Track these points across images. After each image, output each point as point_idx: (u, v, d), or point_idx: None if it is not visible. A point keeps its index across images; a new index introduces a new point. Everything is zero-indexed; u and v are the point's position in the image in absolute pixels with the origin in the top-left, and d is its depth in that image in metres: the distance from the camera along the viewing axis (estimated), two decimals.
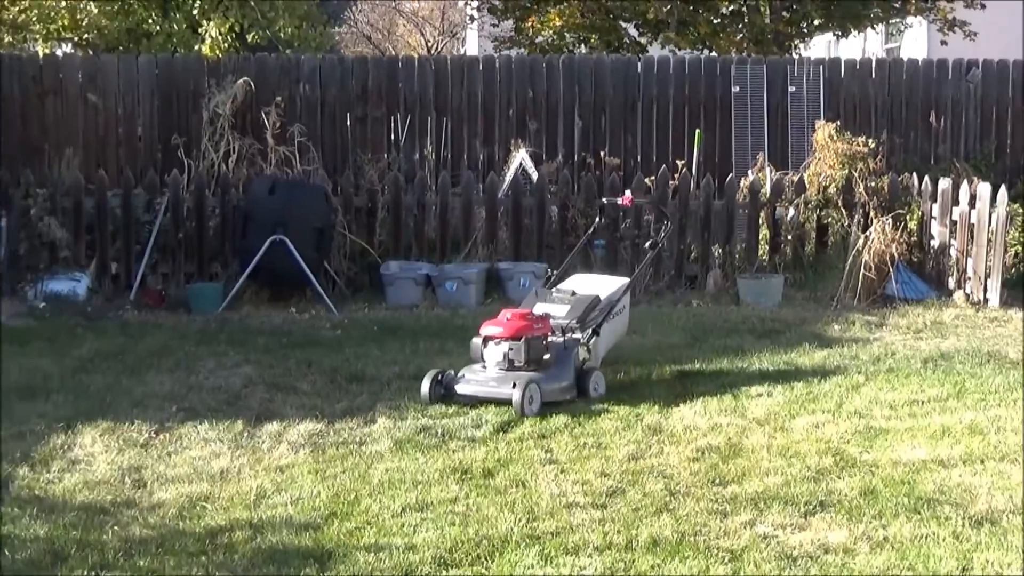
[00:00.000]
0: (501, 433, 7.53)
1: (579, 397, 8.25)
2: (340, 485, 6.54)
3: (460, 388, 8.09)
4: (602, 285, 9.04)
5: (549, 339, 8.38)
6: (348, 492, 6.42)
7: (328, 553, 5.58)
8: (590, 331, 8.46)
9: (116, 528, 5.92)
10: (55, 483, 6.62)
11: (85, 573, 5.36)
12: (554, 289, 8.91)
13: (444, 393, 8.09)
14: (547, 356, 8.32)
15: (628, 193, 10.20)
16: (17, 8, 19.35)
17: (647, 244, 9.61)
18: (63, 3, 19.51)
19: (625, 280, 9.21)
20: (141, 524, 6.00)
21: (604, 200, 10.97)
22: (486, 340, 8.17)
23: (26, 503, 6.28)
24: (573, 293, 8.70)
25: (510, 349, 8.00)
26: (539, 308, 8.58)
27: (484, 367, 8.15)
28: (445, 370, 8.24)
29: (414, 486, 6.52)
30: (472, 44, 37.68)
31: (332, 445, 7.27)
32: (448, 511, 6.08)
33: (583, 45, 20.26)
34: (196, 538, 5.79)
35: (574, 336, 8.34)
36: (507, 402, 7.76)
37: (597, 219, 10.24)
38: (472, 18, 29.72)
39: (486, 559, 5.48)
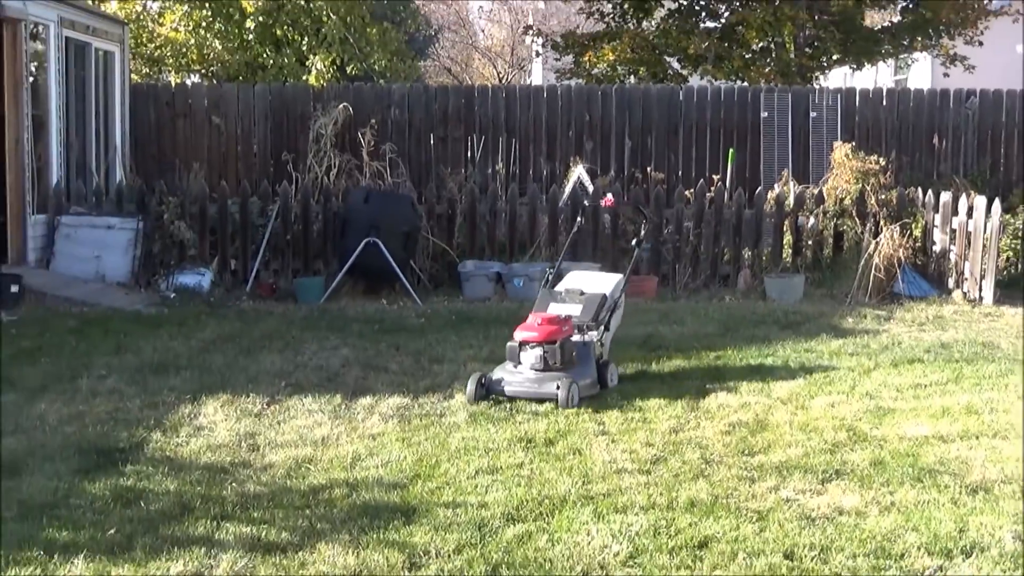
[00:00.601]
0: (560, 409, 7.57)
1: (600, 389, 7.98)
2: (423, 451, 6.61)
3: (506, 389, 7.62)
4: (601, 282, 8.54)
5: (573, 339, 7.95)
6: (430, 457, 6.49)
7: (412, 509, 5.65)
8: (603, 328, 8.19)
9: (234, 485, 6.02)
10: (183, 446, 6.73)
11: (208, 523, 5.46)
12: (564, 290, 8.34)
13: (486, 394, 7.65)
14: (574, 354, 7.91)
15: (609, 196, 9.95)
16: (153, 45, 19.60)
17: (633, 242, 9.05)
18: (192, 40, 19.72)
19: (620, 276, 8.66)
20: (255, 482, 6.09)
21: (586, 203, 10.90)
22: (523, 344, 7.69)
23: (158, 463, 6.40)
24: (582, 293, 8.19)
25: (546, 352, 7.57)
26: (554, 309, 8.10)
27: (519, 368, 7.69)
28: (486, 373, 7.76)
29: (486, 452, 6.56)
30: (537, 75, 37.68)
31: (416, 416, 7.34)
32: (515, 474, 6.13)
33: (632, 76, 20.20)
34: (301, 494, 5.88)
35: (591, 333, 8.04)
36: (549, 399, 7.43)
37: (580, 213, 10.01)
38: (538, 53, 29.77)
39: (547, 516, 5.53)
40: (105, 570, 4.87)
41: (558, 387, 7.33)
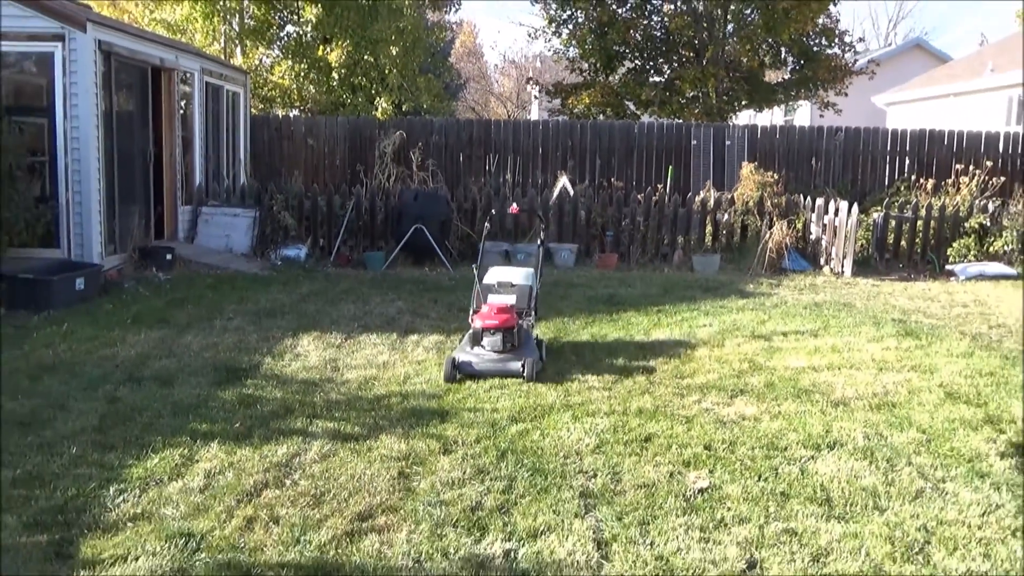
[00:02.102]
0: (549, 344, 7.57)
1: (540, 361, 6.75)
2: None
3: (476, 368, 6.41)
4: (522, 274, 7.23)
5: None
6: (458, 376, 6.50)
7: (445, 412, 5.67)
8: (534, 312, 7.10)
9: (321, 394, 6.05)
10: (286, 367, 6.75)
11: (303, 419, 5.49)
12: (497, 283, 7.08)
13: (457, 374, 6.37)
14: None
15: (515, 205, 8.76)
16: (267, 88, 19.57)
17: (538, 244, 7.70)
18: (293, 85, 19.69)
19: (531, 269, 7.32)
20: (336, 392, 6.12)
21: (493, 211, 9.41)
22: (485, 330, 6.53)
23: (269, 378, 6.42)
24: (512, 284, 7.05)
25: (505, 336, 6.49)
26: (495, 300, 6.83)
27: (482, 350, 6.52)
28: (455, 357, 6.43)
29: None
30: (535, 112, 37.53)
31: (448, 348, 7.32)
32: (517, 390, 6.14)
33: (602, 114, 20.13)
34: (368, 401, 5.91)
35: (529, 319, 6.95)
36: (515, 375, 6.36)
37: (488, 220, 8.12)
38: (535, 97, 29.72)
39: (539, 418, 5.55)
40: (232, 452, 4.91)
41: (523, 365, 6.34)
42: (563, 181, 14.09)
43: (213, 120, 13.55)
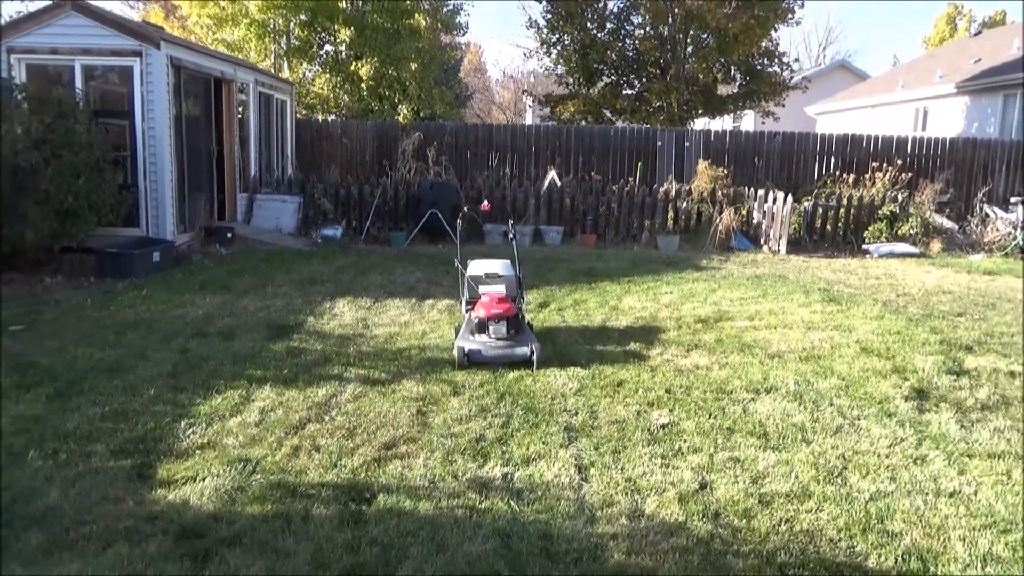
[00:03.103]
0: (541, 308, 7.54)
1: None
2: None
3: (487, 355, 5.55)
4: (502, 265, 6.21)
5: None
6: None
7: (456, 362, 5.65)
8: (521, 299, 6.13)
9: (354, 346, 6.02)
10: (325, 325, 6.71)
11: (339, 367, 5.46)
12: (484, 274, 6.08)
13: (469, 363, 5.50)
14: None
15: (486, 202, 7.69)
16: (309, 97, 19.35)
17: (509, 237, 6.71)
18: (331, 95, 19.47)
19: (508, 261, 6.24)
20: (366, 345, 6.09)
21: (466, 208, 7.68)
22: (490, 318, 5.67)
23: (311, 334, 6.39)
24: (500, 275, 6.08)
25: (509, 323, 5.67)
26: (488, 289, 5.99)
27: (488, 338, 5.65)
28: (465, 347, 5.50)
29: None
30: (529, 118, 37.18)
31: (457, 311, 7.28)
32: None
33: (584, 120, 19.92)
34: (392, 353, 5.88)
35: (519, 305, 5.97)
36: (520, 360, 5.54)
37: (460, 218, 7.12)
38: (529, 106, 29.37)
39: (531, 366, 5.53)
40: (281, 393, 4.88)
41: (532, 351, 5.53)
42: (552, 174, 13.96)
43: (265, 123, 13.40)
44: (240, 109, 12.34)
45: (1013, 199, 13.48)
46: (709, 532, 3.28)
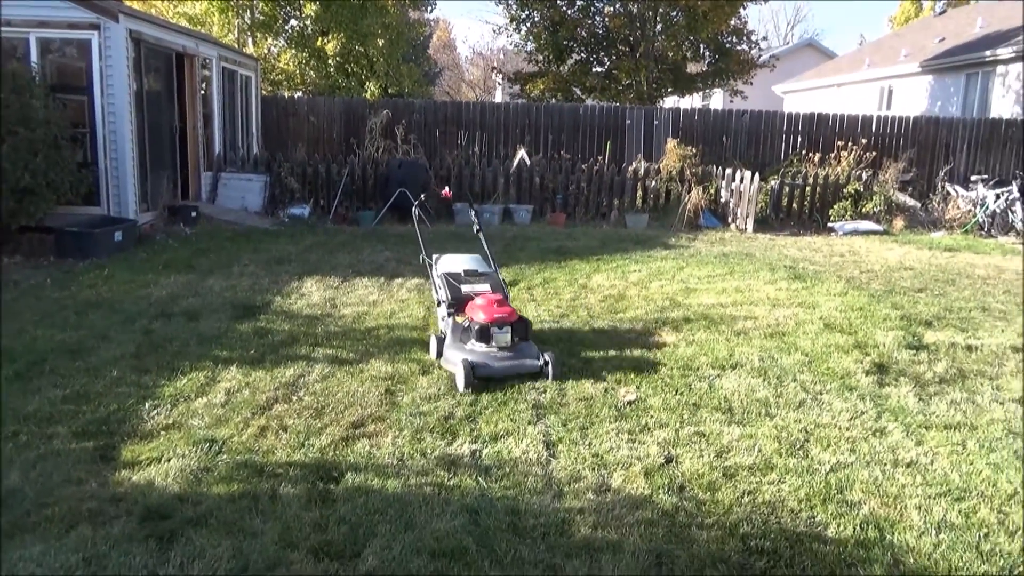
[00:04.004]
0: (510, 287, 7.52)
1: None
2: (430, 309, 6.54)
3: (496, 368, 4.72)
4: (473, 261, 5.70)
5: None
6: (433, 313, 6.40)
7: (426, 341, 5.59)
8: (506, 298, 5.22)
9: (322, 326, 5.98)
10: (293, 304, 6.65)
11: (307, 347, 5.42)
12: (463, 272, 5.42)
13: (476, 376, 4.62)
14: None
15: (447, 189, 6.72)
16: (274, 73, 19.03)
17: (475, 230, 6.02)
18: (297, 71, 19.17)
19: (478, 256, 5.80)
20: (334, 325, 6.05)
21: (423, 197, 6.44)
22: (493, 324, 4.85)
23: (278, 314, 6.33)
24: (480, 273, 5.50)
25: (514, 329, 4.89)
26: (468, 288, 5.27)
27: (491, 348, 4.84)
28: (470, 360, 4.62)
29: None
30: (499, 96, 36.96)
31: (426, 290, 7.25)
32: None
33: (554, 98, 19.86)
34: (361, 332, 5.85)
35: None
36: (531, 371, 4.79)
37: (416, 207, 6.34)
38: (499, 83, 29.18)
39: None
40: (248, 373, 4.84)
41: (545, 361, 4.77)
42: (521, 153, 13.91)
43: (229, 99, 13.14)
44: (203, 85, 12.09)
45: (973, 177, 13.75)
46: (674, 505, 3.34)
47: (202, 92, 12.00)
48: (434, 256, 5.84)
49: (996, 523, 3.25)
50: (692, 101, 27.18)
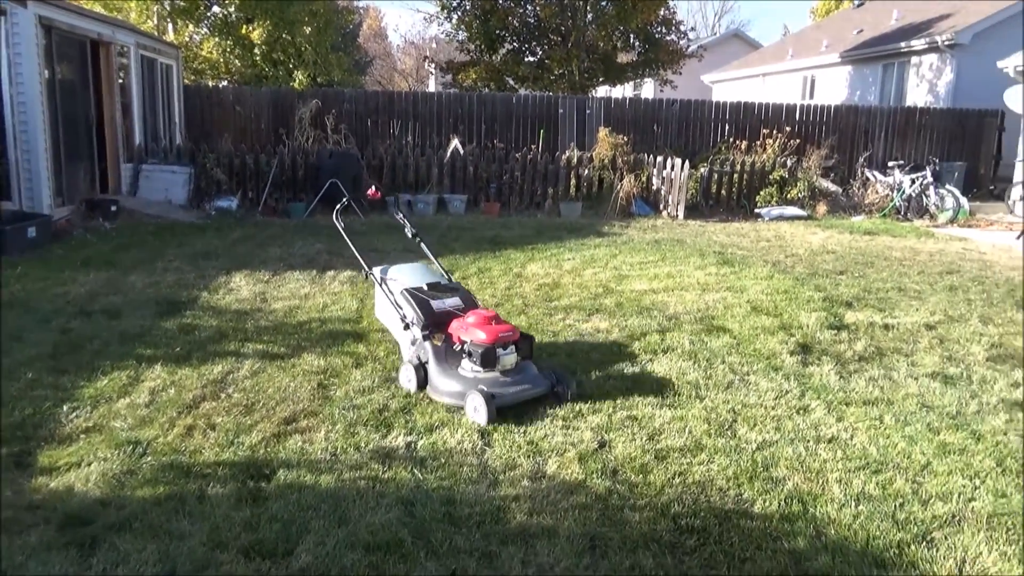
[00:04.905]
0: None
1: None
2: (363, 302, 6.48)
3: (514, 396, 4.13)
4: (424, 271, 5.07)
5: None
6: (367, 305, 6.35)
7: (360, 334, 5.58)
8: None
9: (252, 322, 5.85)
10: (221, 300, 6.48)
11: (236, 343, 5.30)
12: (427, 286, 4.77)
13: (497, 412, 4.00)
14: None
15: (373, 188, 6.60)
16: (197, 61, 18.43)
17: (411, 234, 5.30)
18: (221, 59, 18.60)
19: (422, 263, 5.27)
20: (265, 320, 5.93)
21: (346, 199, 5.72)
22: (498, 345, 4.21)
23: (206, 309, 6.16)
24: (444, 285, 4.88)
25: (517, 347, 4.30)
26: (440, 304, 4.61)
27: (497, 371, 4.21)
28: (489, 392, 4.01)
29: None
30: (432, 86, 36.65)
31: (359, 282, 7.18)
32: None
33: (486, 87, 19.81)
34: (292, 326, 5.75)
35: None
36: (543, 395, 4.26)
37: (337, 213, 5.54)
38: (431, 72, 28.95)
39: None
40: (173, 372, 4.70)
41: (563, 386, 4.29)
42: (455, 142, 13.85)
43: (149, 89, 12.68)
44: (121, 74, 11.63)
45: (891, 163, 14.34)
46: (607, 488, 3.39)
47: (120, 81, 11.54)
48: (378, 269, 5.01)
49: (910, 493, 3.42)
50: (624, 91, 27.53)
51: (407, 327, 4.63)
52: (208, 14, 18.95)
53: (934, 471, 3.62)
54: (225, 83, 18.92)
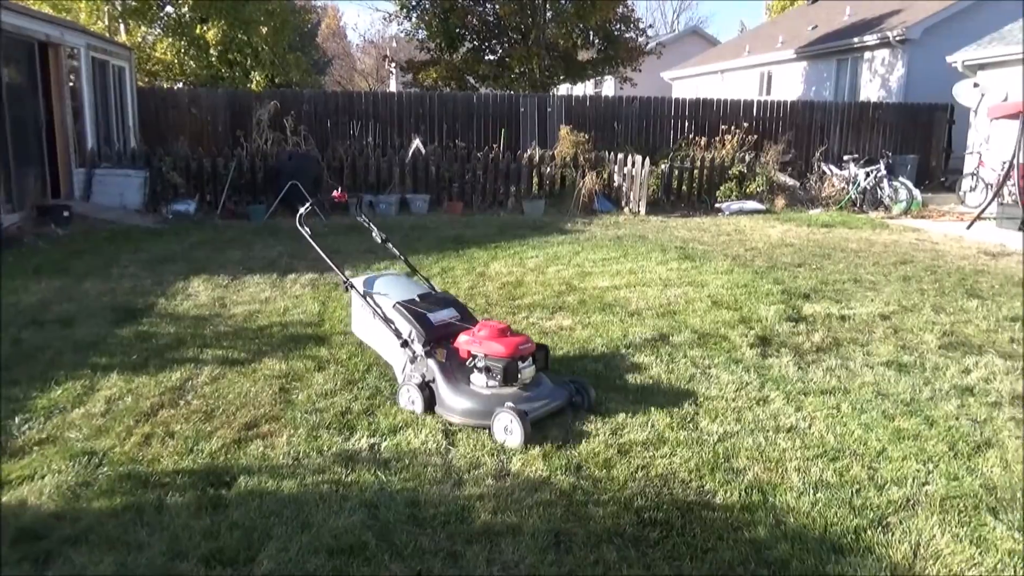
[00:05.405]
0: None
1: None
2: (325, 304, 6.44)
3: (542, 409, 3.94)
4: (407, 282, 4.85)
5: None
6: (329, 308, 6.33)
7: (321, 337, 5.54)
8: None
9: (211, 327, 5.76)
10: (179, 306, 6.37)
11: (195, 350, 5.22)
12: (418, 297, 4.49)
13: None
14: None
15: (338, 190, 6.44)
16: (151, 63, 18.08)
17: (381, 239, 5.03)
18: (176, 61, 18.27)
19: (400, 273, 5.35)
20: (224, 325, 5.85)
21: (311, 203, 5.14)
22: (518, 357, 3.99)
23: (163, 316, 6.06)
24: (435, 296, 4.67)
25: (536, 359, 4.13)
26: (439, 316, 4.35)
27: (517, 386, 3.99)
28: (519, 408, 3.76)
29: None
30: (393, 85, 36.39)
31: (321, 284, 7.14)
32: None
33: (447, 87, 19.75)
34: (253, 331, 5.68)
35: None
36: (564, 408, 4.10)
37: (301, 219, 5.07)
38: (391, 72, 28.69)
39: None
40: (130, 380, 4.61)
41: (577, 391, 4.18)
42: (416, 142, 13.79)
43: (101, 92, 12.41)
44: (71, 76, 11.36)
45: (846, 157, 14.63)
46: (571, 484, 3.41)
47: (71, 84, 11.28)
48: (359, 280, 4.68)
49: (867, 479, 3.50)
50: (585, 89, 27.66)
51: (405, 344, 4.27)
52: (161, 14, 18.59)
53: (889, 457, 3.71)
54: (180, 85, 18.58)
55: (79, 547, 2.89)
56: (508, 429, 3.78)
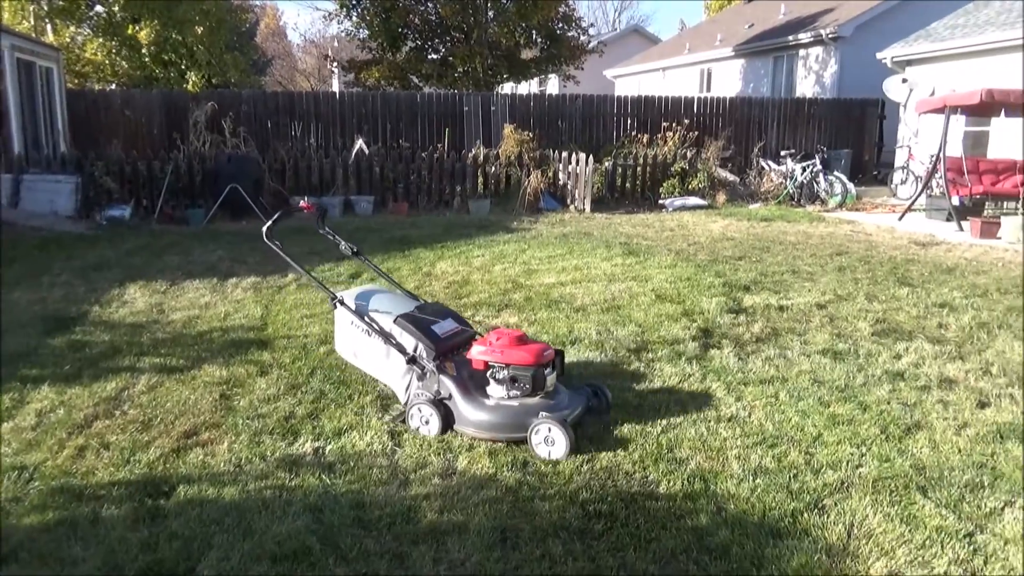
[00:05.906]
0: (352, 279, 7.40)
1: None
2: (268, 308, 6.34)
3: (574, 415, 3.79)
4: (399, 296, 4.58)
5: None
6: (272, 311, 6.23)
7: (264, 341, 5.45)
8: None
9: (148, 335, 5.62)
10: (114, 313, 6.19)
11: (131, 358, 5.09)
12: (417, 312, 4.19)
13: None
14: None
15: (307, 199, 6.14)
16: (80, 64, 17.51)
17: (351, 251, 4.71)
18: (107, 61, 17.73)
19: (385, 286, 4.93)
20: (162, 332, 5.70)
21: (279, 214, 4.56)
22: (543, 367, 3.83)
23: (97, 324, 5.88)
24: (431, 306, 4.41)
25: (555, 366, 3.94)
26: (443, 328, 4.12)
27: (551, 390, 3.88)
28: (559, 416, 3.66)
29: (307, 307, 6.37)
30: (335, 85, 35.96)
31: (264, 288, 7.02)
32: (324, 317, 5.96)
33: (390, 86, 19.61)
34: (192, 338, 5.56)
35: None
36: (585, 412, 3.95)
37: (269, 230, 4.42)
38: (333, 72, 28.33)
39: None
40: (62, 391, 4.47)
41: (594, 394, 4.08)
42: (359, 143, 13.67)
43: (28, 94, 11.98)
44: None
45: (783, 152, 15.03)
46: (517, 480, 3.43)
47: None
48: (349, 295, 4.32)
49: (803, 463, 3.61)
50: (529, 87, 27.75)
51: (412, 360, 3.98)
52: (90, 14, 18.01)
53: (825, 442, 3.83)
54: (113, 86, 18.02)
55: (9, 565, 2.80)
56: (550, 439, 3.62)
